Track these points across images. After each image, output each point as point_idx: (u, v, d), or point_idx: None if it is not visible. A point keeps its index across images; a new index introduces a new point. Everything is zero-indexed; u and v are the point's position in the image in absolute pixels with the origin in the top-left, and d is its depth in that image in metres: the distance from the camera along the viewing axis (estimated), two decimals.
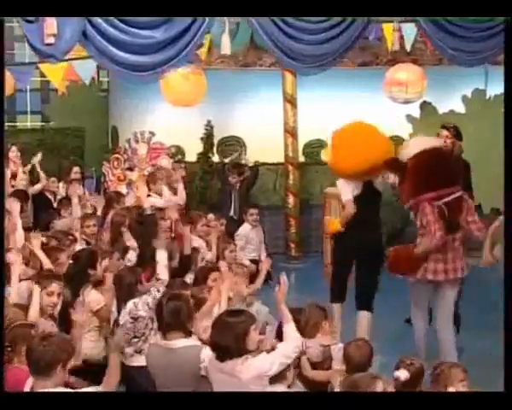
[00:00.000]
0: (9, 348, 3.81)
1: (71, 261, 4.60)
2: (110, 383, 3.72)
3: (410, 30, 7.26)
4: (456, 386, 3.77)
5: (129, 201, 7.93)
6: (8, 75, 7.76)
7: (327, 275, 7.69)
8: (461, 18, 6.76)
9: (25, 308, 4.47)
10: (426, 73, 8.60)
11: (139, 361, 4.58)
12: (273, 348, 4.02)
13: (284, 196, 9.81)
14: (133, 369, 4.62)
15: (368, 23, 6.83)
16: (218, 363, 3.91)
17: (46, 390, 3.43)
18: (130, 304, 4.70)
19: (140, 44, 6.16)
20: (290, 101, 9.43)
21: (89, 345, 4.83)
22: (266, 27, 6.63)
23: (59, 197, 8.48)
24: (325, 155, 7.61)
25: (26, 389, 3.54)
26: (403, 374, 3.85)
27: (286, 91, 9.43)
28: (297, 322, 4.57)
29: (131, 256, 5.63)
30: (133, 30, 6.03)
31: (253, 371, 3.83)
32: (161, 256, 5.12)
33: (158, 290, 4.68)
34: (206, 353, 4.01)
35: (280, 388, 3.94)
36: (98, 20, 5.87)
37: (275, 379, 3.95)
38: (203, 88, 8.40)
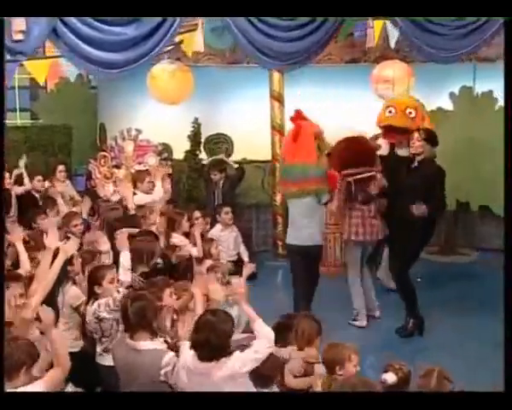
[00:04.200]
0: None
1: None
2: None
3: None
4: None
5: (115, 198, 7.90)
6: None
7: None
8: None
9: None
10: (414, 70, 8.58)
11: (107, 361, 4.58)
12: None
13: (272, 193, 9.76)
14: (103, 368, 4.67)
15: (342, 21, 6.77)
16: (195, 363, 3.88)
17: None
18: (95, 304, 4.73)
19: (112, 41, 6.07)
20: (277, 98, 9.35)
21: (68, 343, 4.76)
22: (240, 25, 6.56)
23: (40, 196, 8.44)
24: None
25: None
26: (390, 378, 3.87)
27: (273, 89, 9.36)
28: (289, 329, 4.55)
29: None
30: (104, 27, 5.95)
31: (225, 371, 3.80)
32: (125, 258, 5.00)
33: (118, 292, 4.66)
34: (169, 358, 4.01)
35: None
36: (69, 17, 5.78)
37: None
38: (190, 85, 8.36)
